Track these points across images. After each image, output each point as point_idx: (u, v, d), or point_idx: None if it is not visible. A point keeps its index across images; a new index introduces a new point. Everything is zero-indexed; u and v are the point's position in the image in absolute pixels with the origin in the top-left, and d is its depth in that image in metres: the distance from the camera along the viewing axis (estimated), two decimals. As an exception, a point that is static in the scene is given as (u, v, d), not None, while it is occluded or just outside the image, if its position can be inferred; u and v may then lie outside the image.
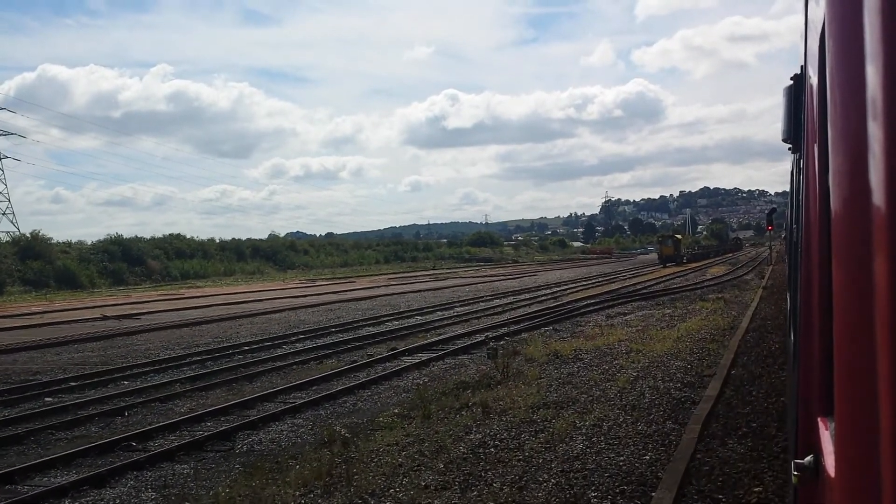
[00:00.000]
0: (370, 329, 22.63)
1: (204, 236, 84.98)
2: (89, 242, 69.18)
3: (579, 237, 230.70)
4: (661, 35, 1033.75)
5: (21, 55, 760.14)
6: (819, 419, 1.97)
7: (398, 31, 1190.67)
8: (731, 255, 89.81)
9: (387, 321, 25.02)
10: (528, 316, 23.98)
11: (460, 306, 30.36)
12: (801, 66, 3.05)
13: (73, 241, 67.28)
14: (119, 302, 39.50)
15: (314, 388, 13.02)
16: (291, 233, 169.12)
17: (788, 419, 4.72)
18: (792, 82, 3.34)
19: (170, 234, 78.91)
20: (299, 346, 19.00)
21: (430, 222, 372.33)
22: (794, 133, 3.33)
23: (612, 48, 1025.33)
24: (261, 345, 19.66)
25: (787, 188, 7.99)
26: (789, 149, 3.85)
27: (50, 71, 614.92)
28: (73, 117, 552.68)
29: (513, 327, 21.19)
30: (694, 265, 61.58)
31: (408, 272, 75.33)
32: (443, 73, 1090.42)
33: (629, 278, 46.83)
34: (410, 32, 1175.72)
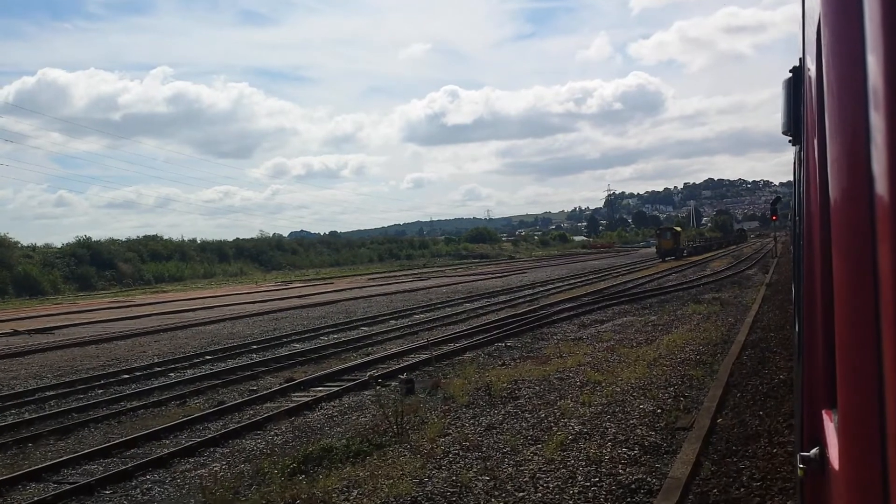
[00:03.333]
0: (296, 346, 18.93)
1: (209, 238, 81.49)
2: (58, 245, 65.85)
3: (583, 231, 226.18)
4: (657, 28, 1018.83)
5: (20, 60, 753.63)
6: (823, 411, 1.91)
7: (395, 30, 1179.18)
8: (734, 247, 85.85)
9: (324, 334, 21.33)
10: (487, 326, 20.25)
11: (423, 312, 26.71)
12: (800, 58, 2.91)
13: (37, 245, 63.61)
14: (59, 312, 35.88)
15: (130, 451, 9.26)
16: (295, 232, 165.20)
17: (795, 411, 4.22)
18: (791, 74, 3.24)
19: (144, 236, 75.53)
20: (188, 374, 15.32)
21: (434, 219, 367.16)
22: (794, 125, 3.22)
23: (609, 42, 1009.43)
24: (150, 370, 16.06)
25: (791, 178, 6.56)
26: (790, 141, 3.56)
27: (49, 75, 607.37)
28: (74, 121, 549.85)
29: (462, 342, 17.46)
30: (694, 259, 57.78)
31: (396, 271, 71.58)
32: (441, 71, 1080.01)
33: (622, 275, 43.06)
34: (408, 31, 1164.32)
